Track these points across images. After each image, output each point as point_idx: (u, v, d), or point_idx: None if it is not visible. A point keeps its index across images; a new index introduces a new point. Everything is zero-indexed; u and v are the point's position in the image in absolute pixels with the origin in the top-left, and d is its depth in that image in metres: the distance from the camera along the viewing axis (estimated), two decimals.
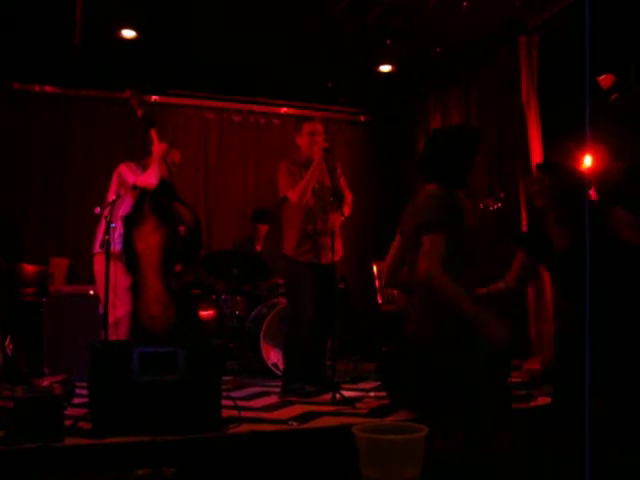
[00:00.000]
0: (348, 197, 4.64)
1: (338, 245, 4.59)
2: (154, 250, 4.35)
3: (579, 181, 3.62)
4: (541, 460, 2.93)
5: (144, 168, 4.60)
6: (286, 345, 4.69)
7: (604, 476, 2.38)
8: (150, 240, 4.35)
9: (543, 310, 5.49)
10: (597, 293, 2.72)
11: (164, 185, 4.57)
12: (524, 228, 5.51)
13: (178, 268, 4.59)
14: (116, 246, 4.43)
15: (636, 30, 4.53)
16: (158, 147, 4.56)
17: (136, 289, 4.33)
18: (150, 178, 4.46)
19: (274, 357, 5.34)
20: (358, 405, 4.11)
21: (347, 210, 4.57)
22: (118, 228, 4.47)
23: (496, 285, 3.65)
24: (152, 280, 4.34)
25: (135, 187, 4.48)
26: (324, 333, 4.69)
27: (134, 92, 4.58)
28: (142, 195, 4.45)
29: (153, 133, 4.58)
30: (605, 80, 4.65)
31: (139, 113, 4.56)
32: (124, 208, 4.51)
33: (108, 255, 3.96)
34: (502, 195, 4.29)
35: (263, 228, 6.62)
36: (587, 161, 4.47)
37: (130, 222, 4.38)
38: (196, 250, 4.89)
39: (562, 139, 5.28)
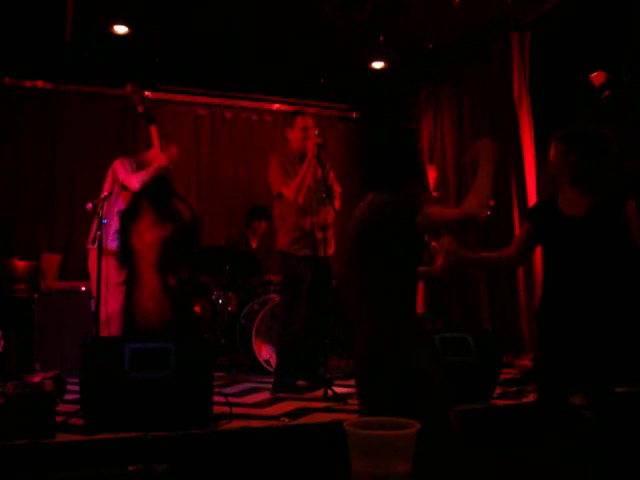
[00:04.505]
0: (337, 190, 4.66)
1: (331, 239, 4.62)
2: (151, 246, 4.32)
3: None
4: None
5: (138, 164, 4.56)
6: (280, 341, 4.66)
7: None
8: (147, 236, 4.32)
9: (535, 307, 5.49)
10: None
11: (162, 181, 4.53)
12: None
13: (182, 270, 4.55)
14: (110, 242, 4.41)
15: (628, 28, 4.54)
16: (159, 158, 4.50)
17: (131, 285, 4.31)
18: (134, 182, 4.40)
19: (266, 353, 5.34)
20: (350, 401, 4.12)
21: (337, 204, 4.60)
22: (113, 224, 4.44)
23: (494, 254, 3.52)
24: (148, 276, 4.32)
25: (123, 186, 4.46)
26: (319, 329, 4.66)
27: (135, 87, 4.51)
28: (139, 191, 4.42)
29: (153, 129, 4.54)
30: (597, 77, 4.67)
31: (140, 109, 4.51)
32: (120, 204, 4.49)
33: (100, 251, 3.94)
34: (492, 203, 4.21)
35: (261, 225, 6.60)
36: None
37: (127, 217, 4.35)
38: (193, 246, 4.85)
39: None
